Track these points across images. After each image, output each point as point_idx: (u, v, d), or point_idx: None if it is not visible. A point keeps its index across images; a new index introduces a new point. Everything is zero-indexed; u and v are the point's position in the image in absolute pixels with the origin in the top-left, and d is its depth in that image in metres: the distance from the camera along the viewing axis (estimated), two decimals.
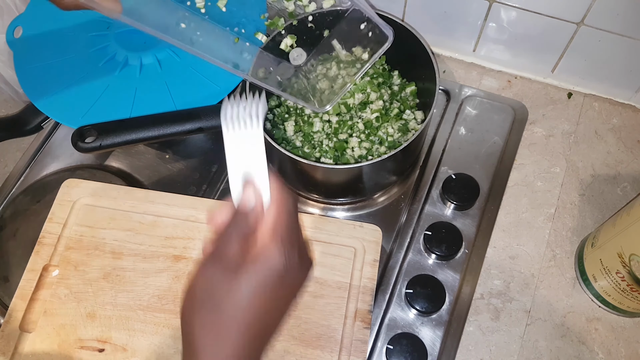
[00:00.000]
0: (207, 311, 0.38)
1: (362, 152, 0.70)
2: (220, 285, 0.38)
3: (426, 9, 0.78)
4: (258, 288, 0.38)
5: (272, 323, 0.41)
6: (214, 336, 0.38)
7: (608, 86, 0.78)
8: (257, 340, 0.40)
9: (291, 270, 0.40)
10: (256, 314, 0.39)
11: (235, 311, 0.38)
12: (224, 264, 0.39)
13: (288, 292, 0.41)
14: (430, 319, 0.65)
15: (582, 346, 0.64)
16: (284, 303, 0.41)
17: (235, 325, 0.38)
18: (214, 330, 0.38)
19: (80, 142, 0.65)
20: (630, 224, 0.57)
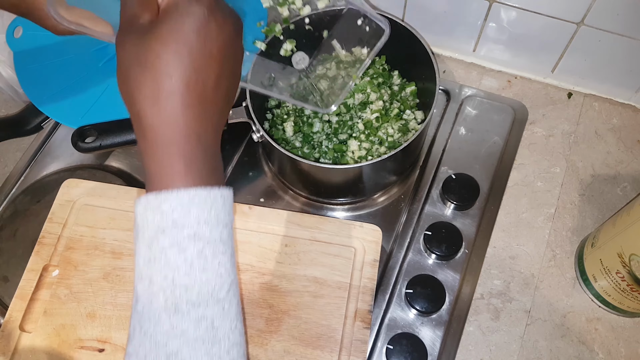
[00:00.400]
0: (137, 74, 0.36)
1: (362, 152, 0.70)
2: (138, 46, 0.36)
3: (426, 9, 0.78)
4: (181, 37, 0.36)
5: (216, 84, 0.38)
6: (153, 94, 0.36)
7: (608, 86, 0.78)
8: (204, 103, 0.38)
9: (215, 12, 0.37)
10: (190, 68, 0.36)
11: (166, 65, 0.36)
12: (134, 26, 0.37)
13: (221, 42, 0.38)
14: (430, 319, 0.65)
15: (582, 346, 0.64)
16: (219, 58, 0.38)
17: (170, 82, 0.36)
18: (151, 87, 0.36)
19: (80, 142, 0.65)
20: (630, 224, 0.57)
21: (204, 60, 0.37)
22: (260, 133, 0.66)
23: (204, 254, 0.37)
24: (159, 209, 0.36)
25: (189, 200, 0.36)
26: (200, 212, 0.36)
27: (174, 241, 0.36)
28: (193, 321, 0.36)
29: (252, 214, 0.65)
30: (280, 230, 0.64)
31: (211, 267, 0.37)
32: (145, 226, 0.37)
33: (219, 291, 0.37)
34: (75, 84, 0.73)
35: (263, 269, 0.62)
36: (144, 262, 0.37)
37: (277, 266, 0.62)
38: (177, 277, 0.36)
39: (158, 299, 0.36)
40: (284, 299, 0.60)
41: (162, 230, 0.36)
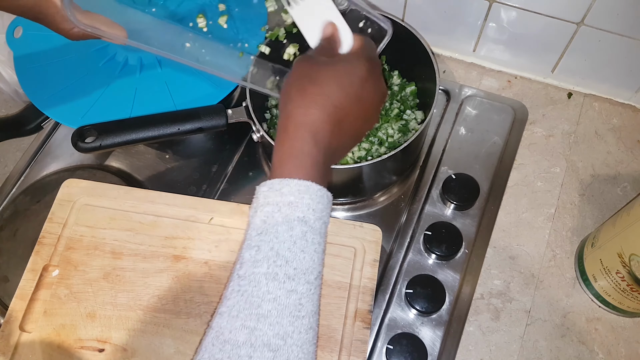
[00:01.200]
0: (305, 84, 0.46)
1: (362, 153, 0.70)
2: (314, 68, 0.47)
3: (426, 9, 0.78)
4: (344, 77, 0.46)
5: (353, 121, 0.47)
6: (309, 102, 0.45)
7: (608, 86, 0.78)
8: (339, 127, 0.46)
9: (372, 77, 0.47)
10: (341, 98, 0.45)
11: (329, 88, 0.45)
12: (315, 59, 0.48)
13: (371, 96, 0.48)
14: (430, 319, 0.65)
15: (582, 346, 0.64)
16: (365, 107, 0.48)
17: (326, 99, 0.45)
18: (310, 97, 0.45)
19: (80, 142, 0.65)
20: (630, 224, 0.57)
21: (353, 99, 0.46)
22: (260, 133, 0.66)
23: (305, 237, 0.42)
24: (280, 191, 0.43)
25: (305, 189, 0.43)
26: (310, 201, 0.43)
27: (286, 219, 0.42)
28: (286, 291, 0.41)
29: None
30: None
31: (308, 251, 0.42)
32: (265, 202, 0.43)
33: (310, 274, 0.42)
34: (75, 84, 0.73)
35: None
36: (256, 233, 0.43)
37: None
38: (281, 250, 0.41)
39: (262, 265, 0.41)
40: None
41: (279, 208, 0.42)
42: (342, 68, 0.47)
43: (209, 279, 0.62)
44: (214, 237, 0.64)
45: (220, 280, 0.62)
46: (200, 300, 0.61)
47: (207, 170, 0.78)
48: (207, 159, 0.79)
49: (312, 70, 0.47)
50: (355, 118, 0.47)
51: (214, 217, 0.65)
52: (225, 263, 0.63)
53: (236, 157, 0.78)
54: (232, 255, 0.63)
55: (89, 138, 0.66)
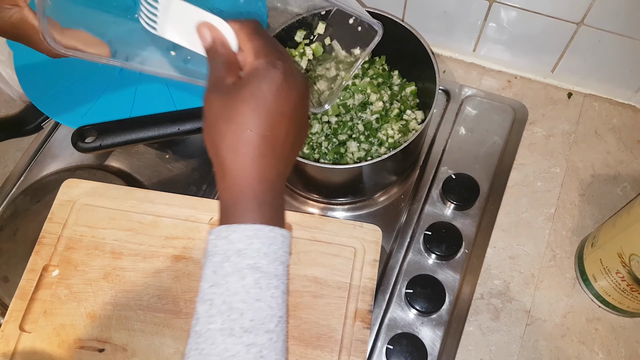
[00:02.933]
0: (221, 126, 0.43)
1: (361, 153, 0.70)
2: (223, 103, 0.43)
3: (426, 9, 0.78)
4: (259, 101, 0.42)
5: (286, 137, 0.44)
6: (234, 144, 0.42)
7: (608, 86, 0.78)
8: (275, 154, 0.43)
9: (288, 77, 0.43)
10: (263, 124, 0.42)
11: (246, 120, 0.42)
12: (220, 87, 0.43)
13: (292, 103, 0.44)
14: (430, 319, 0.65)
15: (582, 346, 0.64)
16: (290, 114, 0.44)
17: (249, 134, 0.42)
18: (233, 138, 0.42)
19: (80, 142, 0.65)
20: (630, 224, 0.57)
21: (277, 117, 0.43)
22: None
23: (259, 284, 0.41)
24: (227, 239, 0.41)
25: (254, 234, 0.41)
26: (261, 246, 0.41)
27: (236, 269, 0.41)
28: (244, 345, 0.39)
29: None
30: None
31: (264, 298, 0.41)
32: (214, 252, 0.42)
33: (268, 322, 0.41)
34: (75, 84, 0.73)
35: None
36: (207, 285, 0.41)
37: None
38: (234, 302, 0.40)
39: (216, 321, 0.40)
40: None
41: (228, 258, 0.41)
42: (248, 92, 0.42)
43: None
44: None
45: None
46: None
47: (207, 170, 0.78)
48: (207, 159, 0.77)
49: (221, 106, 0.43)
50: (286, 134, 0.44)
51: (214, 217, 0.65)
52: None
53: None
54: None
55: (89, 138, 0.66)
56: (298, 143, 0.47)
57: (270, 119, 0.42)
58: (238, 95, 0.42)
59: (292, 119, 0.44)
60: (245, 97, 0.42)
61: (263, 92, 0.42)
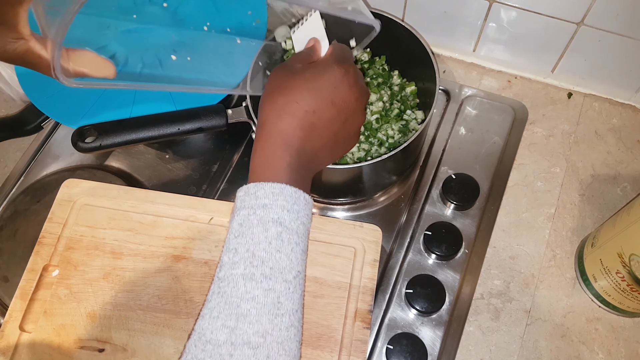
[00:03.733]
0: (275, 95, 0.48)
1: (361, 154, 0.70)
2: (285, 78, 0.49)
3: (426, 9, 0.78)
4: (312, 82, 0.47)
5: (328, 124, 0.48)
6: (280, 110, 0.47)
7: (608, 86, 0.78)
8: (313, 132, 0.48)
9: (344, 80, 0.49)
10: (310, 103, 0.47)
11: (298, 94, 0.47)
12: (289, 66, 0.50)
13: (344, 98, 0.49)
14: (430, 319, 0.65)
15: (582, 346, 0.64)
16: (340, 108, 0.49)
17: (295, 106, 0.47)
18: (280, 106, 0.47)
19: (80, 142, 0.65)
20: (630, 224, 0.57)
21: (326, 102, 0.48)
22: None
23: (281, 237, 0.44)
24: (254, 194, 0.45)
25: (279, 191, 0.44)
26: (285, 203, 0.44)
27: (261, 221, 0.44)
28: (263, 290, 0.42)
29: None
30: None
31: (284, 250, 0.44)
32: (241, 206, 0.45)
33: (287, 273, 0.43)
34: None
35: None
36: (233, 236, 0.44)
37: None
38: (257, 251, 0.43)
39: (239, 266, 0.43)
40: None
41: (254, 211, 0.44)
42: (310, 74, 0.48)
43: (209, 279, 0.62)
44: (214, 237, 0.64)
45: None
46: (200, 300, 0.61)
47: (207, 170, 0.78)
48: (207, 159, 0.79)
49: (283, 80, 0.49)
50: (329, 120, 0.48)
51: (214, 217, 0.65)
52: None
53: (236, 157, 0.78)
54: None
55: (89, 138, 0.66)
56: (342, 134, 0.50)
57: (319, 101, 0.47)
58: (299, 74, 0.48)
59: (340, 111, 0.49)
60: (305, 76, 0.48)
61: (322, 77, 0.48)
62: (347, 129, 0.51)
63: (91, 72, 0.51)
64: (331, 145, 0.50)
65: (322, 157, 0.50)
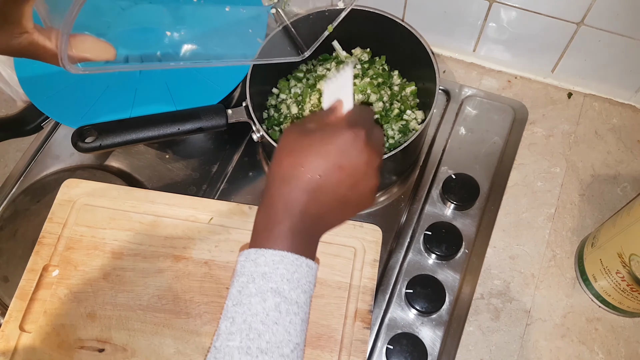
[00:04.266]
0: (283, 156, 0.47)
1: None
2: (295, 139, 0.47)
3: (426, 9, 0.78)
4: (320, 145, 0.46)
5: (335, 188, 0.46)
6: (285, 174, 0.46)
7: (608, 86, 0.78)
8: (319, 196, 0.46)
9: (355, 144, 0.46)
10: (316, 166, 0.45)
11: (304, 158, 0.46)
12: (300, 129, 0.48)
13: (354, 162, 0.47)
14: (430, 319, 0.65)
15: (582, 346, 0.64)
16: (348, 173, 0.47)
17: (301, 170, 0.45)
18: (286, 170, 0.46)
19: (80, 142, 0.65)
20: (630, 224, 0.57)
21: (331, 167, 0.46)
22: (260, 133, 0.66)
23: (279, 308, 0.42)
24: (255, 261, 0.43)
25: (280, 259, 0.43)
26: (285, 272, 0.43)
27: (259, 291, 0.42)
28: None
29: (252, 214, 0.65)
30: None
31: (282, 322, 0.42)
32: (241, 273, 0.44)
33: (285, 347, 0.42)
34: (75, 84, 0.73)
35: None
36: (232, 304, 0.43)
37: None
38: (254, 323, 0.41)
39: (235, 338, 0.41)
40: None
41: (253, 279, 0.43)
42: (318, 137, 0.47)
43: (209, 279, 0.62)
44: (214, 237, 0.64)
45: (220, 280, 0.62)
46: (200, 300, 0.61)
47: (207, 170, 0.78)
48: (207, 159, 0.79)
49: (292, 141, 0.47)
50: (336, 185, 0.47)
51: (214, 217, 0.65)
52: (225, 263, 0.63)
53: (236, 157, 0.78)
54: (232, 255, 0.63)
55: (89, 138, 0.66)
56: (351, 198, 0.48)
57: (325, 165, 0.45)
58: (308, 137, 0.47)
59: (349, 175, 0.47)
60: (313, 139, 0.46)
61: (330, 141, 0.46)
62: (358, 192, 0.49)
63: (93, 57, 0.51)
64: (339, 208, 0.49)
65: (329, 220, 0.49)
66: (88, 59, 0.51)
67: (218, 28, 0.69)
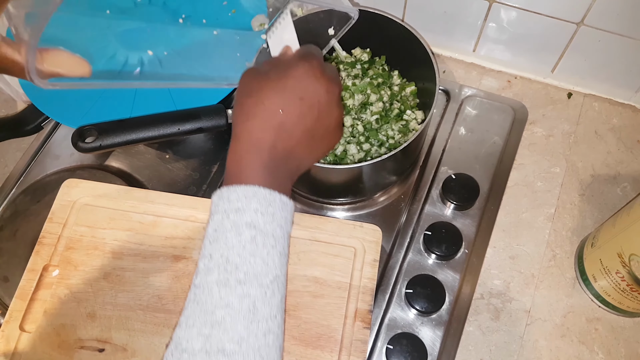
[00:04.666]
0: (243, 98, 0.48)
1: (361, 155, 0.70)
2: (252, 81, 0.48)
3: (426, 9, 0.78)
4: (277, 82, 0.47)
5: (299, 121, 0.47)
6: (249, 112, 0.47)
7: (608, 86, 0.78)
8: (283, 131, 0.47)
9: (309, 74, 0.47)
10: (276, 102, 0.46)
11: (264, 95, 0.47)
12: (255, 71, 0.50)
13: (313, 92, 0.47)
14: (430, 319, 0.65)
15: (582, 346, 0.64)
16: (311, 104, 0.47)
17: (262, 107, 0.46)
18: (248, 109, 0.47)
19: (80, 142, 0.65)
20: (630, 224, 0.57)
21: (293, 99, 0.47)
22: None
23: (255, 241, 0.43)
24: (227, 198, 0.44)
25: (252, 193, 0.44)
26: (258, 205, 0.44)
27: (234, 225, 0.43)
28: (238, 296, 0.41)
29: None
30: None
31: (259, 254, 0.43)
32: (215, 211, 0.44)
33: (263, 277, 0.42)
34: None
35: None
36: (208, 242, 0.44)
37: None
38: (230, 256, 0.42)
39: (213, 273, 0.42)
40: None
41: (227, 215, 0.43)
42: (274, 74, 0.48)
43: None
44: None
45: None
46: None
47: (207, 170, 0.78)
48: (207, 159, 0.79)
49: (249, 82, 0.49)
50: (299, 117, 0.47)
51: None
52: None
53: None
54: None
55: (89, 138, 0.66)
56: (319, 130, 0.49)
57: (285, 99, 0.46)
58: (264, 75, 0.48)
59: (310, 106, 0.47)
60: (269, 77, 0.47)
61: (286, 75, 0.47)
62: (324, 124, 0.50)
63: (66, 72, 0.48)
64: (307, 143, 0.49)
65: (300, 156, 0.49)
66: (60, 74, 0.48)
67: (203, 50, 0.70)
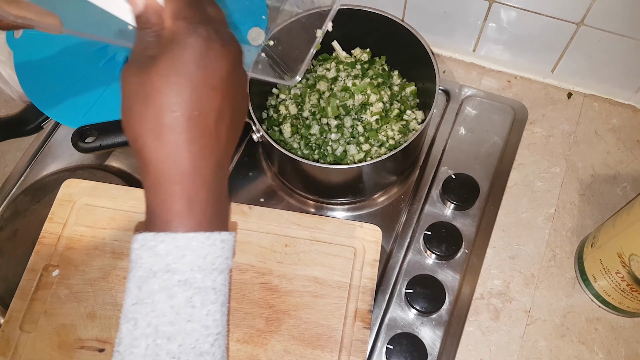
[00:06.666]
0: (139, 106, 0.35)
1: (361, 155, 0.70)
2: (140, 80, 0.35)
3: (426, 9, 0.78)
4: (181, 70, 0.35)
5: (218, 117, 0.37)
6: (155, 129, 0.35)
7: (608, 86, 0.78)
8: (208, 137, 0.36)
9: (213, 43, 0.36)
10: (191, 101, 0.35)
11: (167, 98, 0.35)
12: (137, 64, 0.36)
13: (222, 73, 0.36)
14: (430, 319, 0.65)
15: (582, 346, 0.64)
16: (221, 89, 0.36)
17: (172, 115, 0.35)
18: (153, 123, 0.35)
19: (80, 142, 0.65)
20: (630, 224, 0.57)
21: (205, 91, 0.35)
22: (260, 133, 0.66)
23: (192, 302, 0.35)
24: (154, 250, 0.35)
25: (185, 245, 0.35)
26: (194, 258, 0.35)
27: (164, 286, 0.35)
28: None
29: (252, 214, 0.65)
30: (280, 230, 0.64)
31: (198, 317, 0.35)
32: (139, 266, 0.35)
33: (202, 343, 0.35)
34: (75, 84, 0.73)
35: (263, 269, 0.62)
36: (131, 303, 0.35)
37: (277, 266, 0.62)
38: (160, 326, 0.35)
39: (140, 345, 0.35)
40: (284, 299, 0.60)
41: (154, 273, 0.35)
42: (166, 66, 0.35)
43: None
44: None
45: None
46: None
47: None
48: None
49: (138, 83, 0.35)
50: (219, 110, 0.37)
51: None
52: None
53: (236, 157, 0.78)
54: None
55: (89, 138, 0.66)
56: (236, 122, 0.39)
57: (197, 94, 0.35)
58: (155, 69, 0.35)
59: (224, 93, 0.37)
60: (162, 70, 0.35)
61: (184, 62, 0.35)
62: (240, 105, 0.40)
63: (34, 17, 0.42)
64: (232, 137, 0.40)
65: (227, 157, 0.40)
66: (30, 18, 0.42)
67: None
